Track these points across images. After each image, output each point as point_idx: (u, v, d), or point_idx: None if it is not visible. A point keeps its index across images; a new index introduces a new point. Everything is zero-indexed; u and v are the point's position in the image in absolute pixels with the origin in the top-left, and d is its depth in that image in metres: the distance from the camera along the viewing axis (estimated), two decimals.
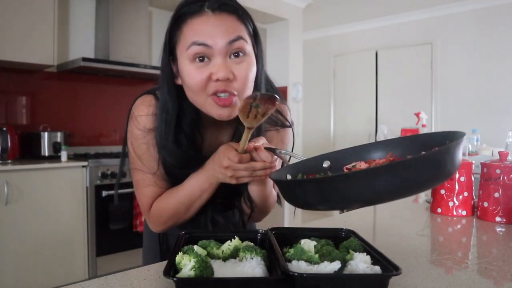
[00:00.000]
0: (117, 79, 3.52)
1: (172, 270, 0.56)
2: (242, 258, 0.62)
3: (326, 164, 0.77)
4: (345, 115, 5.21)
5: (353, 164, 0.74)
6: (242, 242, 0.68)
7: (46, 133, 2.92)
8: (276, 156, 0.79)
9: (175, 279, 0.53)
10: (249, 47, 0.79)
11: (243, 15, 0.79)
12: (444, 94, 4.38)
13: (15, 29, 2.71)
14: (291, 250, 0.63)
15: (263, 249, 0.66)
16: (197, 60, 0.76)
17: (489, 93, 4.04)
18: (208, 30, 0.75)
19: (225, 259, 0.64)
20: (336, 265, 0.59)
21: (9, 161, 2.69)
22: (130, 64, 3.18)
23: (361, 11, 4.73)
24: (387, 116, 4.74)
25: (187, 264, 0.56)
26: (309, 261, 0.61)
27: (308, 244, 0.65)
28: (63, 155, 2.84)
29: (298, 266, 0.59)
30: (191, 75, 0.77)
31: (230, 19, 0.77)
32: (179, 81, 0.83)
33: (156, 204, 0.88)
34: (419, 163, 0.55)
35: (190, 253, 0.59)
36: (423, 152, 0.63)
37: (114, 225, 2.87)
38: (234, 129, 0.91)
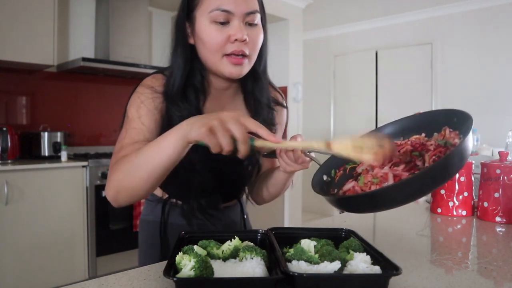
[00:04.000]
0: (117, 79, 3.52)
1: (172, 270, 0.56)
2: (242, 258, 0.62)
3: None
4: (345, 115, 5.21)
5: None
6: (242, 242, 0.68)
7: (46, 133, 2.92)
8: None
9: (175, 279, 0.53)
10: (259, 19, 0.90)
11: None
12: (444, 94, 4.37)
13: (15, 29, 2.71)
14: (291, 250, 0.63)
15: (263, 249, 0.66)
16: (217, 22, 0.84)
17: (489, 93, 4.04)
18: None
19: (225, 259, 0.64)
20: (336, 265, 0.58)
21: (9, 161, 2.69)
22: (130, 64, 3.18)
23: (361, 11, 4.73)
24: (387, 116, 4.73)
25: (187, 264, 0.56)
26: (309, 261, 0.61)
27: (308, 244, 0.65)
28: (63, 155, 2.84)
29: (298, 266, 0.59)
30: (211, 35, 0.84)
31: None
32: (191, 40, 0.89)
33: (120, 158, 0.79)
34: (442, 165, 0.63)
35: (190, 253, 0.59)
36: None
37: (114, 225, 2.87)
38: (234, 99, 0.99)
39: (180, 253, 0.59)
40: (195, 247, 0.63)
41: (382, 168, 0.72)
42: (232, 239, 0.67)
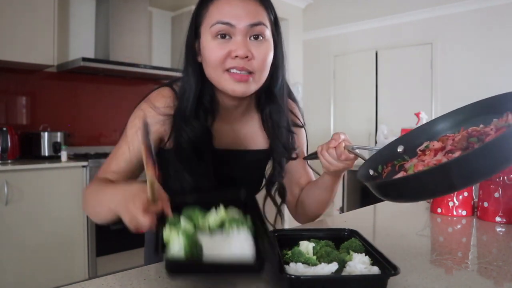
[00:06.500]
0: (117, 79, 3.52)
1: (162, 246, 0.56)
2: (229, 231, 0.62)
3: (400, 148, 0.78)
4: (345, 115, 5.20)
5: (425, 144, 0.73)
6: (226, 206, 0.68)
7: (46, 133, 2.92)
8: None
9: (167, 261, 0.52)
10: (268, 33, 0.84)
11: (266, 3, 0.85)
12: (444, 94, 4.37)
13: (15, 29, 2.71)
14: (289, 252, 0.63)
15: (246, 208, 0.67)
16: (219, 37, 0.80)
17: (489, 93, 4.02)
18: (233, 11, 0.79)
19: (211, 231, 0.64)
20: (333, 267, 0.58)
21: (9, 161, 2.69)
22: (130, 64, 3.18)
23: (361, 11, 4.73)
24: (387, 116, 4.74)
25: (174, 241, 0.56)
26: (307, 263, 0.61)
27: (306, 246, 0.65)
28: (63, 155, 2.84)
29: (296, 269, 0.59)
30: (212, 50, 0.81)
31: (254, 4, 0.82)
32: (199, 59, 0.86)
33: (95, 180, 0.86)
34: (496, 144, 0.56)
35: (176, 227, 0.59)
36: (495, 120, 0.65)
37: (114, 225, 2.85)
38: (244, 120, 0.96)
39: (167, 228, 0.58)
40: (182, 221, 0.62)
41: (434, 157, 0.66)
42: (217, 209, 0.67)
